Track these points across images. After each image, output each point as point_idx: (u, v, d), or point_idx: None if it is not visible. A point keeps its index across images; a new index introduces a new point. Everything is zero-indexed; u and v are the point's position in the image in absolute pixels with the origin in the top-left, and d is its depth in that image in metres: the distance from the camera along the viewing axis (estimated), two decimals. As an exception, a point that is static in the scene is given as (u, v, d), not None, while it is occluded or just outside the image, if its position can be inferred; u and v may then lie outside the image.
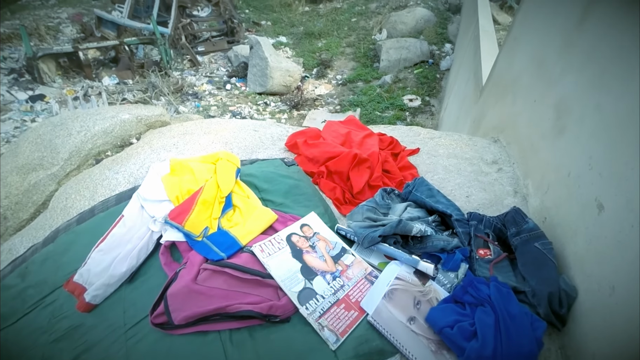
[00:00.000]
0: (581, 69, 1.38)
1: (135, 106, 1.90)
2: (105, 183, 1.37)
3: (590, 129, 1.19)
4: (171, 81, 6.41)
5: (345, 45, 8.00)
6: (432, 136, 2.20)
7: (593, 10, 1.38)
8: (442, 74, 6.96)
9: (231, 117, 5.84)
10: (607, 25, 1.26)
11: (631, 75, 1.05)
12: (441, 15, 8.30)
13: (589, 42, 1.37)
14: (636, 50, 1.03)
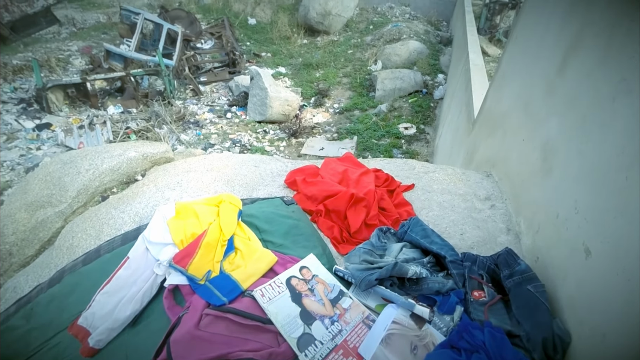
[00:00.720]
0: (564, 113, 1.47)
1: (141, 143, 1.98)
2: (111, 222, 1.42)
3: (575, 173, 1.26)
4: (174, 110, 6.60)
5: (342, 75, 8.33)
6: (426, 170, 2.28)
7: (572, 59, 1.50)
8: (435, 102, 7.21)
9: (231, 145, 5.97)
10: (585, 74, 1.37)
11: (609, 124, 1.13)
12: (433, 47, 8.71)
13: (569, 89, 1.48)
14: (612, 100, 1.13)
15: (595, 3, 1.39)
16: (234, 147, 5.90)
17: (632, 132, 0.99)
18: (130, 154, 1.80)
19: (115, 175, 1.75)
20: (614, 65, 1.17)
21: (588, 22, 1.41)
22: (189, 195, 1.56)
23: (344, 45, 9.27)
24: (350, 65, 8.57)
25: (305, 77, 8.25)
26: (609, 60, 1.20)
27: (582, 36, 1.44)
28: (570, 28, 1.56)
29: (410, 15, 10.73)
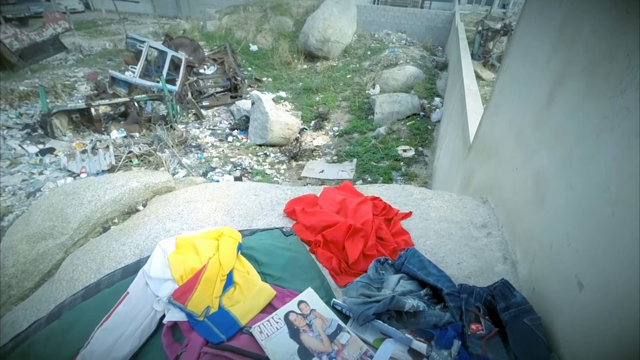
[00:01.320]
0: (553, 146, 1.53)
1: (143, 173, 2.02)
2: (112, 255, 1.43)
3: (566, 205, 1.29)
4: (176, 134, 6.73)
5: (341, 99, 8.55)
6: (423, 197, 2.32)
7: (558, 94, 1.57)
8: (433, 125, 7.35)
9: (232, 169, 6.03)
10: (570, 109, 1.43)
11: (594, 160, 1.18)
12: (429, 72, 8.99)
13: (557, 122, 1.54)
14: (595, 137, 1.18)
15: (577, 42, 1.47)
16: (234, 170, 5.96)
17: (615, 170, 1.03)
18: (133, 185, 1.84)
19: (117, 206, 1.78)
20: (596, 103, 1.23)
21: (571, 60, 1.50)
22: (189, 226, 1.59)
23: (342, 70, 9.58)
24: (349, 89, 8.81)
25: (305, 101, 8.46)
26: (592, 98, 1.27)
27: (566, 73, 1.52)
28: (555, 63, 1.64)
29: (406, 41, 11.16)
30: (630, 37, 1.11)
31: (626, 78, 1.09)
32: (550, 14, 1.88)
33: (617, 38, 1.18)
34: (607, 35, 1.26)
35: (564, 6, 1.74)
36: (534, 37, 2.08)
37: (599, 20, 1.34)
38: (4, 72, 8.75)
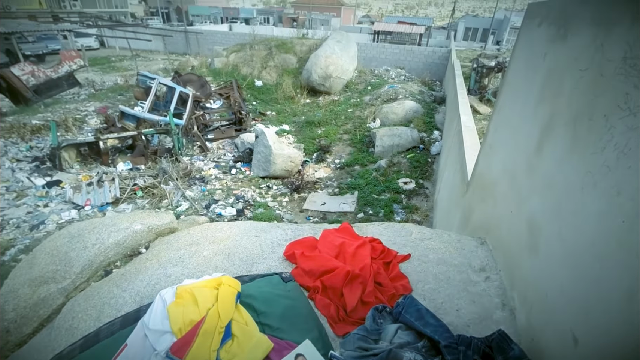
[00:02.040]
0: (543, 194, 1.58)
1: (147, 214, 2.07)
2: (112, 302, 1.45)
3: (558, 255, 1.32)
4: (180, 167, 6.88)
5: (342, 132, 8.78)
6: (422, 237, 2.34)
7: (546, 143, 1.64)
8: (432, 158, 7.48)
9: (234, 201, 6.09)
10: (558, 160, 1.50)
11: (580, 212, 1.22)
12: (428, 106, 9.30)
13: (546, 171, 1.60)
14: (581, 190, 1.23)
15: (561, 95, 1.57)
16: (237, 203, 6.02)
17: (600, 225, 1.08)
18: (136, 227, 1.89)
19: (120, 248, 1.82)
20: (580, 156, 1.30)
21: (556, 111, 1.59)
22: (190, 271, 1.61)
23: (344, 105, 9.92)
24: (351, 122, 9.08)
25: (307, 134, 8.69)
26: (577, 151, 1.33)
27: (552, 123, 1.60)
28: (543, 112, 1.74)
29: (405, 77, 11.64)
30: (606, 98, 1.20)
31: (605, 137, 1.16)
32: (536, 65, 2.01)
33: (594, 97, 1.27)
34: (586, 93, 1.35)
35: (547, 59, 1.86)
36: (523, 84, 2.20)
37: (578, 78, 1.44)
38: (19, 107, 9.15)
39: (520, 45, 2.39)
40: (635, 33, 1.08)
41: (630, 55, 1.09)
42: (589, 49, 1.39)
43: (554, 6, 1.95)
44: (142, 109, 7.65)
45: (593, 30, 1.39)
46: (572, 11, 1.66)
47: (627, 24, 1.15)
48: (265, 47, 11.36)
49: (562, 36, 1.71)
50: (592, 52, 1.35)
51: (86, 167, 6.83)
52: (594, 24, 1.39)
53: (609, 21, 1.28)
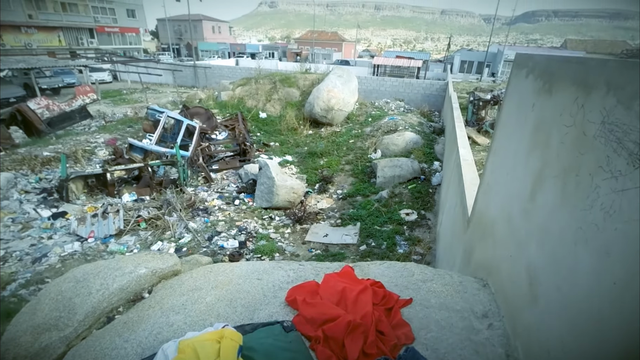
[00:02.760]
0: (540, 242, 1.60)
1: (152, 256, 2.11)
2: (114, 353, 1.45)
3: (557, 307, 1.33)
4: (185, 197, 6.96)
5: (344, 163, 8.93)
6: (424, 278, 2.34)
7: (538, 193, 1.69)
8: (434, 189, 7.52)
9: (237, 233, 6.10)
10: (550, 210, 1.53)
11: (574, 268, 1.24)
12: (427, 137, 9.49)
13: (540, 219, 1.63)
14: (574, 244, 1.26)
15: (549, 148, 1.64)
16: (239, 235, 6.03)
17: (594, 282, 1.10)
18: (141, 271, 1.92)
19: (124, 294, 1.84)
20: (571, 210, 1.33)
21: (546, 162, 1.65)
22: (192, 320, 1.62)
23: (345, 136, 10.17)
24: (352, 153, 9.25)
25: (310, 165, 8.84)
26: (567, 204, 1.37)
27: (544, 174, 1.66)
28: (534, 161, 1.80)
29: (404, 108, 12.00)
30: (589, 157, 1.26)
31: (591, 195, 1.21)
32: (526, 113, 2.09)
33: (580, 155, 1.33)
34: (572, 150, 1.41)
35: (535, 110, 1.95)
36: (515, 130, 2.27)
37: (564, 133, 1.51)
38: (32, 138, 9.46)
39: (511, 92, 2.51)
40: (611, 101, 1.17)
41: (607, 120, 1.17)
42: (571, 107, 1.47)
43: (539, 61, 2.07)
44: (150, 141, 7.88)
45: (574, 90, 1.48)
46: (555, 69, 1.77)
47: (603, 90, 1.24)
48: (269, 81, 11.86)
49: (547, 90, 1.81)
50: (575, 111, 1.44)
51: (92, 198, 6.93)
52: (575, 84, 1.49)
53: (587, 84, 1.37)
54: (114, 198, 6.98)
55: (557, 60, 1.78)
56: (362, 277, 2.29)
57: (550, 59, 1.89)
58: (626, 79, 1.12)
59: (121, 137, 9.70)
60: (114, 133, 10.12)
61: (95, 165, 8.02)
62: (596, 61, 1.36)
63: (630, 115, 1.05)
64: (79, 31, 30.00)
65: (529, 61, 2.29)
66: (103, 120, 11.63)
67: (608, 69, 1.25)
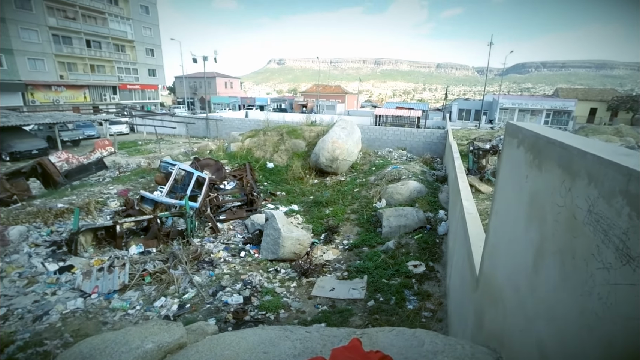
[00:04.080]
0: (547, 320, 1.58)
1: (158, 328, 2.11)
2: None
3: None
4: (191, 249, 6.97)
5: (350, 212, 8.98)
6: (434, 349, 2.26)
7: (541, 267, 1.69)
8: (440, 238, 7.43)
9: (242, 287, 5.99)
10: (554, 287, 1.53)
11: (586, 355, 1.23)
12: (431, 185, 9.61)
13: (546, 295, 1.61)
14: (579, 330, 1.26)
15: (545, 224, 1.69)
16: (244, 289, 5.91)
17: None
18: (147, 346, 1.92)
19: (129, 371, 1.82)
20: (572, 292, 1.33)
21: (545, 237, 1.68)
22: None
23: (350, 185, 10.36)
24: (357, 202, 9.34)
25: (315, 214, 8.90)
26: (568, 287, 1.37)
27: (543, 249, 1.67)
28: (533, 234, 1.81)
29: (407, 157, 12.33)
30: (582, 242, 1.31)
31: (588, 281, 1.24)
32: (521, 183, 2.16)
33: (573, 238, 1.37)
34: (566, 231, 1.46)
35: (529, 182, 2.02)
36: (513, 197, 2.32)
37: (557, 212, 1.57)
38: (48, 190, 9.83)
39: (505, 159, 2.61)
40: (593, 192, 1.25)
41: (593, 210, 1.24)
42: (560, 188, 1.55)
43: (528, 135, 2.18)
44: (161, 193, 8.12)
45: (561, 172, 1.56)
46: (542, 147, 1.86)
47: (585, 180, 1.32)
48: (277, 133, 12.47)
49: (537, 166, 1.89)
50: (564, 193, 1.51)
51: (99, 251, 6.98)
52: (561, 167, 1.57)
53: (572, 171, 1.45)
54: (121, 250, 7.02)
55: (543, 139, 1.88)
56: (371, 347, 2.23)
57: (537, 137, 1.99)
58: (604, 175, 1.19)
59: (133, 188, 10.01)
60: (126, 184, 10.47)
61: (105, 216, 8.20)
62: (577, 150, 1.43)
63: (612, 212, 1.11)
64: (103, 88, 32.57)
65: (518, 133, 2.39)
66: (117, 171, 12.10)
67: (587, 160, 1.32)
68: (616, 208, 1.09)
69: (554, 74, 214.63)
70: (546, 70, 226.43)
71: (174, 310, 5.38)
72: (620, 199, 1.08)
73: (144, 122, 18.02)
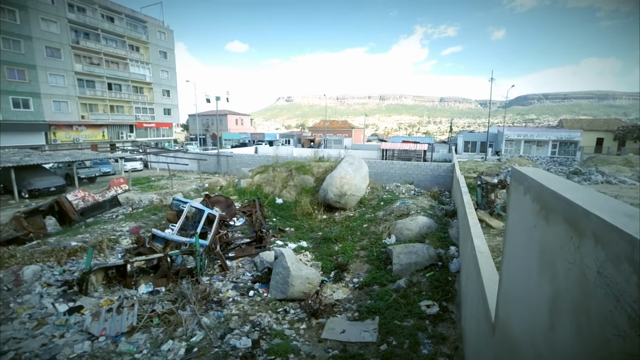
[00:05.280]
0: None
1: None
2: None
3: None
4: (199, 289, 6.90)
5: (359, 248, 8.88)
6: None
7: (557, 324, 1.63)
8: (453, 276, 7.22)
9: (250, 329, 5.84)
10: (570, 345, 1.50)
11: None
12: (440, 220, 9.52)
13: (564, 355, 1.57)
14: None
15: (556, 279, 1.69)
16: (252, 332, 5.77)
17: None
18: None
19: None
20: (590, 358, 1.30)
21: (558, 294, 1.65)
22: None
23: (359, 220, 10.33)
24: (366, 238, 9.26)
25: (325, 251, 8.82)
26: (586, 350, 1.32)
27: (557, 306, 1.62)
28: (546, 288, 1.77)
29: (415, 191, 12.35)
30: (595, 304, 1.27)
31: (606, 348, 1.20)
32: (530, 232, 2.14)
33: (586, 298, 1.35)
34: (578, 290, 1.42)
35: (538, 232, 2.01)
36: (523, 244, 2.28)
37: (567, 269, 1.56)
38: (63, 227, 10.05)
39: (513, 205, 2.60)
40: (601, 255, 1.25)
41: (603, 273, 1.23)
42: (569, 245, 1.54)
43: (533, 184, 2.17)
44: (172, 231, 8.23)
45: (568, 228, 1.56)
46: (547, 199, 1.86)
47: (592, 240, 1.34)
48: (286, 169, 12.75)
49: (545, 217, 1.88)
50: (572, 250, 1.50)
51: (109, 290, 6.96)
52: (567, 222, 1.58)
53: (578, 228, 1.46)
54: (131, 289, 7.00)
55: (547, 192, 1.89)
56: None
57: (542, 188, 1.99)
58: (609, 238, 1.20)
59: (145, 225, 10.16)
60: (138, 221, 10.65)
61: (117, 254, 8.28)
62: (581, 209, 1.43)
63: (620, 277, 1.10)
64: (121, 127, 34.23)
65: (524, 180, 2.39)
66: (130, 208, 12.35)
67: (592, 222, 1.32)
68: (624, 275, 1.04)
69: (557, 105, 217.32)
70: (548, 101, 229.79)
71: (181, 354, 5.24)
72: (627, 266, 1.05)
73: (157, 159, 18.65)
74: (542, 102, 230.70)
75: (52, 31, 29.46)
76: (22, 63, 27.38)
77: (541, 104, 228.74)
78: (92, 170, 19.22)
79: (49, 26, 29.25)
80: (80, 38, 31.97)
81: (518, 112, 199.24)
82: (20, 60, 27.27)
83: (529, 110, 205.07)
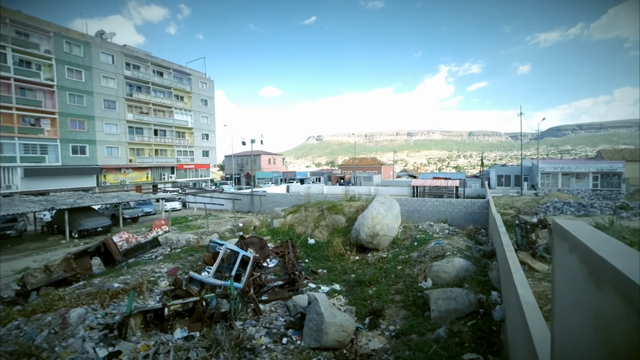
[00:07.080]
0: None
1: None
2: None
3: None
4: (233, 335, 6.90)
5: (394, 292, 8.52)
6: None
7: None
8: (497, 325, 6.64)
9: (283, 382, 5.67)
10: None
11: None
12: (478, 262, 8.98)
13: None
14: None
15: (619, 352, 1.57)
16: (286, 385, 5.58)
17: None
18: None
19: None
20: None
21: None
22: None
23: (392, 262, 10.01)
24: (401, 281, 8.90)
25: (358, 295, 8.55)
26: None
27: None
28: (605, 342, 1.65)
29: (449, 230, 11.87)
30: None
31: None
32: (579, 293, 1.98)
33: None
34: None
35: (588, 295, 1.87)
36: (572, 304, 2.08)
37: (627, 347, 1.45)
38: (107, 267, 10.70)
39: (559, 260, 2.44)
40: None
41: None
42: (627, 320, 1.43)
43: (577, 244, 2.06)
44: (209, 273, 8.48)
45: (622, 302, 1.45)
46: (596, 265, 1.76)
47: None
48: (317, 208, 12.91)
49: (595, 284, 1.77)
50: (632, 329, 1.38)
51: (146, 334, 7.14)
52: (621, 295, 1.48)
53: (636, 306, 1.35)
54: (167, 334, 7.14)
55: (596, 257, 1.78)
56: None
57: (589, 251, 1.89)
58: None
59: (182, 267, 10.54)
60: (176, 262, 11.09)
61: (155, 297, 8.58)
62: (636, 286, 1.32)
63: None
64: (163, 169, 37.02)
65: (567, 237, 2.25)
66: (169, 248, 12.95)
67: None
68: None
69: (593, 135, 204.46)
70: (583, 132, 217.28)
71: None
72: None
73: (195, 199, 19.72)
74: (576, 133, 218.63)
75: (110, 86, 33.69)
76: (83, 115, 31.22)
77: (576, 134, 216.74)
78: (136, 210, 20.62)
79: (108, 82, 33.54)
80: (134, 91, 36.15)
81: (552, 143, 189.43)
82: (82, 113, 31.14)
83: (563, 142, 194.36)
